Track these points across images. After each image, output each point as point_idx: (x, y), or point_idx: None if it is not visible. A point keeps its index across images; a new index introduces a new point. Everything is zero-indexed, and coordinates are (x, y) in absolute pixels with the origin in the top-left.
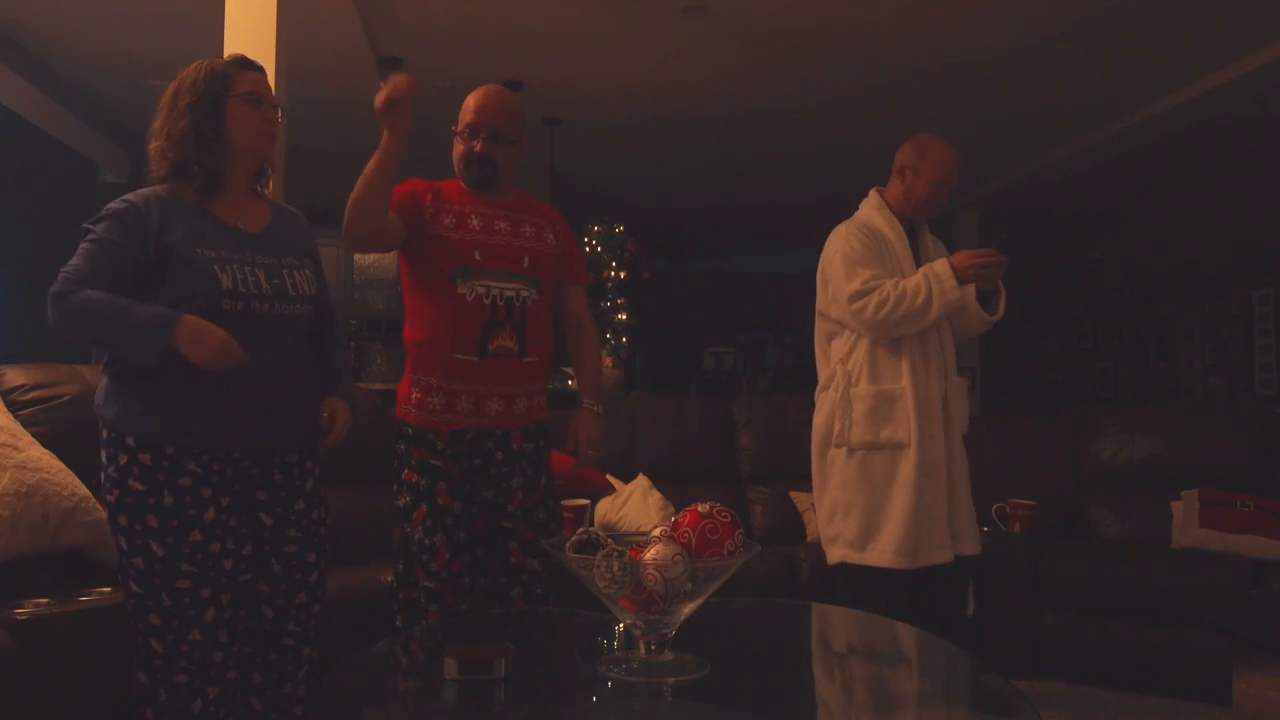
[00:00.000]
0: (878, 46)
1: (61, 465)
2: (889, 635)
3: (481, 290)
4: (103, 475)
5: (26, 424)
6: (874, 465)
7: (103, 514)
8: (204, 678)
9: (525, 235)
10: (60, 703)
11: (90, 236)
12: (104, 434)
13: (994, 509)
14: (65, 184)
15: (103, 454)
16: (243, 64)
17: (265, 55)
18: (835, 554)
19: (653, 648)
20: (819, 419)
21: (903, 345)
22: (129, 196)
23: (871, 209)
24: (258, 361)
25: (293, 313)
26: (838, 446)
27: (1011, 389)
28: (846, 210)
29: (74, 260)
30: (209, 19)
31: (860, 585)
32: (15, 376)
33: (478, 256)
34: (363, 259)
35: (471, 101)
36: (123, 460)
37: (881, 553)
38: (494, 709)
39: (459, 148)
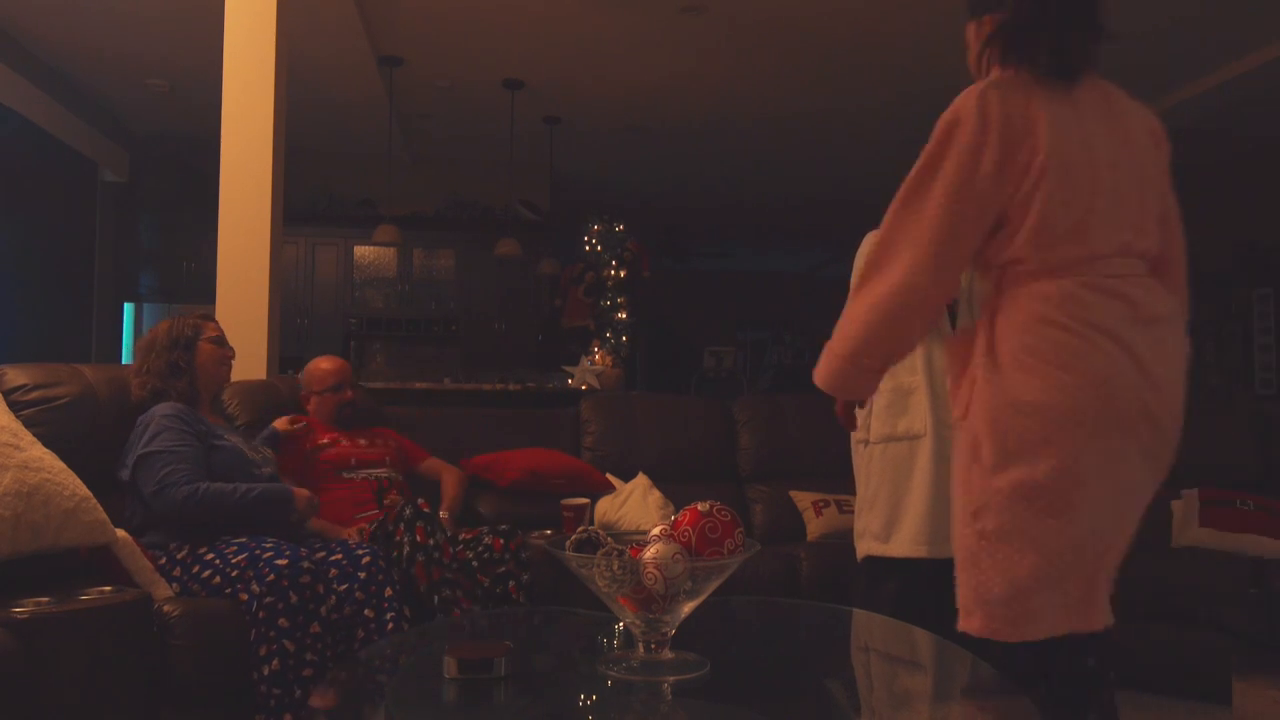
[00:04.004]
0: (876, 46)
1: (63, 465)
2: (890, 634)
3: (364, 477)
4: None
5: (28, 424)
6: (895, 457)
7: (103, 514)
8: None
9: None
10: (60, 703)
11: (170, 445)
12: None
13: None
14: (65, 184)
15: None
16: (206, 316)
17: (265, 55)
18: (862, 548)
19: (653, 647)
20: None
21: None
22: (166, 412)
23: None
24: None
25: (268, 472)
26: (859, 442)
27: None
28: (846, 210)
29: (170, 468)
30: (209, 19)
31: (883, 578)
32: (16, 376)
33: (353, 461)
34: (363, 258)
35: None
36: None
37: (902, 542)
38: (494, 709)
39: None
